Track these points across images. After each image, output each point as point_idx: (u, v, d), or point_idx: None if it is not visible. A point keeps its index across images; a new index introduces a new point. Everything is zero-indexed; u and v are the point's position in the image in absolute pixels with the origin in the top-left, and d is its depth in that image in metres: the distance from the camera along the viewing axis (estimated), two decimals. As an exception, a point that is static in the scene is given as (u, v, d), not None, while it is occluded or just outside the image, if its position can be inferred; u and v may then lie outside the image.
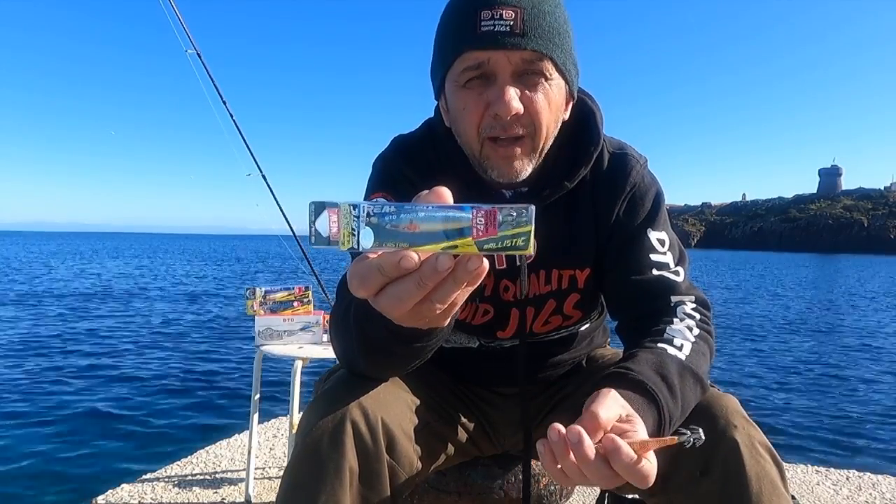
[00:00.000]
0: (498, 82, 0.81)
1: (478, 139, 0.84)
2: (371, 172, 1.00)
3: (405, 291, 0.45)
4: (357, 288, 0.47)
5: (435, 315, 0.49)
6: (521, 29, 0.78)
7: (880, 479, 2.53)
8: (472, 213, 0.41)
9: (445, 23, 0.85)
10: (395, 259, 0.43)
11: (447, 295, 0.46)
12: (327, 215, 0.42)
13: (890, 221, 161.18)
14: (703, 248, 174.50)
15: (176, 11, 2.62)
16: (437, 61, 0.88)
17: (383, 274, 0.45)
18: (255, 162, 2.75)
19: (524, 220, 0.41)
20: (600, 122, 0.95)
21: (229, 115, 2.72)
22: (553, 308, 0.99)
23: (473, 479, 1.04)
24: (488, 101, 0.81)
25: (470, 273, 0.44)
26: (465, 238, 0.41)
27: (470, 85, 0.83)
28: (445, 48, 0.84)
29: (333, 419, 0.77)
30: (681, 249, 0.96)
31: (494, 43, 0.78)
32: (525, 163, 0.85)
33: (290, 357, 2.06)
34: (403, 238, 0.42)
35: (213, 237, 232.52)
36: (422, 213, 0.41)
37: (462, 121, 0.85)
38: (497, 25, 0.78)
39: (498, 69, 0.80)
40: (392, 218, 0.42)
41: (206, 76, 2.71)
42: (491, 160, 0.85)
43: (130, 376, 5.83)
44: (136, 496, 2.22)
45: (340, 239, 0.42)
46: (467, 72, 0.82)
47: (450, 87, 0.86)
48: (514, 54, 0.79)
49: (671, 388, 0.76)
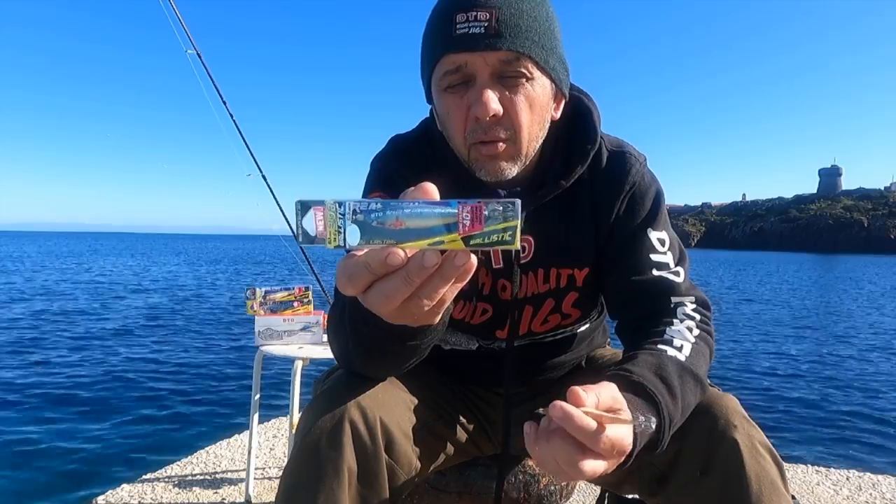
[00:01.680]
0: (477, 84, 0.81)
1: (465, 144, 0.84)
2: (368, 172, 1.00)
3: (393, 288, 0.45)
4: (345, 285, 0.47)
5: (424, 312, 0.49)
6: (495, 30, 0.78)
7: (880, 479, 2.53)
8: (458, 209, 0.41)
9: (427, 28, 0.86)
10: (382, 256, 0.43)
11: (435, 291, 0.46)
12: (313, 213, 0.42)
13: (890, 221, 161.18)
14: (703, 248, 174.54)
15: (176, 11, 2.62)
16: (422, 67, 0.88)
17: (370, 271, 0.45)
18: (255, 162, 2.75)
19: (510, 214, 0.41)
20: (597, 121, 0.95)
21: (229, 115, 2.72)
22: (552, 307, 0.99)
23: (473, 479, 1.04)
24: (469, 103, 0.81)
25: (457, 269, 0.44)
26: (451, 234, 0.41)
27: (452, 89, 0.83)
28: (427, 53, 0.85)
29: (332, 419, 0.77)
30: (681, 249, 0.96)
31: (469, 45, 0.79)
32: (509, 164, 0.85)
33: (290, 357, 2.06)
34: (390, 235, 0.42)
35: (213, 237, 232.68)
36: (408, 210, 0.42)
37: (448, 125, 0.86)
38: (472, 28, 0.78)
39: (476, 71, 0.80)
40: (378, 215, 0.42)
41: (206, 76, 2.71)
42: (479, 161, 0.85)
43: (130, 376, 5.84)
44: (136, 496, 2.22)
45: (327, 237, 0.42)
46: (448, 76, 0.82)
47: (434, 92, 0.86)
48: (491, 55, 0.79)
49: (671, 389, 0.76)
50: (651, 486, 0.85)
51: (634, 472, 0.85)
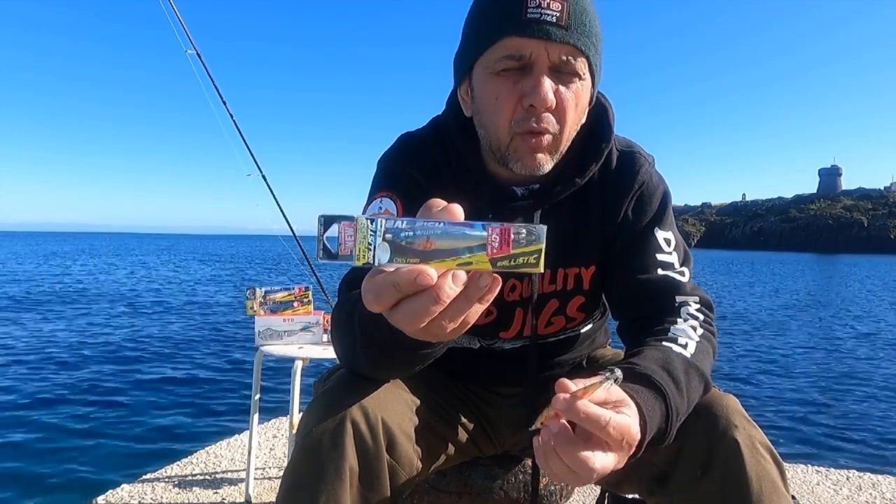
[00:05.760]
0: (535, 73, 0.78)
1: (508, 132, 0.82)
2: (375, 171, 0.99)
3: (420, 307, 0.45)
4: (371, 303, 0.47)
5: (446, 333, 0.49)
6: (566, 22, 0.76)
7: (880, 479, 2.53)
8: (488, 231, 0.42)
9: (484, 5, 0.82)
10: (413, 276, 0.43)
11: (459, 313, 0.46)
12: (340, 229, 0.42)
13: (890, 221, 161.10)
14: (703, 248, 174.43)
15: (176, 11, 2.62)
16: (469, 45, 0.84)
17: (399, 290, 0.45)
18: (255, 162, 2.76)
19: (535, 238, 0.42)
20: (612, 120, 0.94)
21: (229, 115, 2.72)
22: (555, 308, 0.99)
23: (474, 479, 1.04)
24: (523, 91, 0.79)
25: (480, 290, 0.44)
26: (477, 255, 0.42)
27: (504, 74, 0.80)
28: (482, 32, 0.81)
29: (333, 419, 0.77)
30: (685, 250, 0.96)
31: (540, 32, 0.76)
32: (547, 158, 0.84)
33: (290, 357, 2.06)
34: (418, 254, 0.42)
35: (213, 237, 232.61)
36: (438, 231, 0.42)
37: (493, 110, 0.82)
38: (544, 14, 0.76)
39: (537, 60, 0.78)
40: (408, 235, 0.42)
41: (206, 76, 2.71)
42: (518, 152, 0.83)
43: (130, 376, 5.83)
44: (136, 496, 2.22)
45: (356, 254, 0.42)
46: (505, 59, 0.79)
47: (480, 74, 0.83)
48: (556, 47, 0.77)
49: (677, 382, 0.76)
50: (651, 486, 0.85)
51: (634, 472, 0.85)
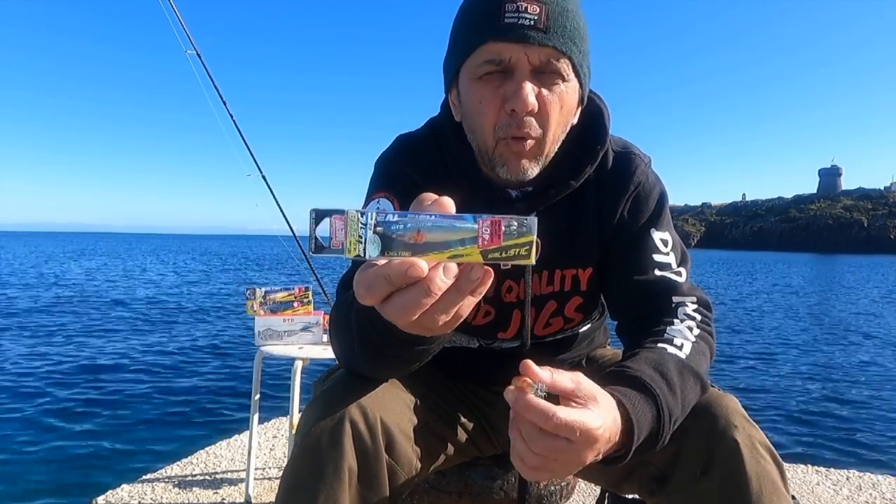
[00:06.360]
0: (516, 77, 0.79)
1: (493, 136, 0.82)
2: (373, 172, 0.99)
3: (412, 300, 0.45)
4: (363, 296, 0.47)
5: (439, 326, 0.49)
6: (544, 25, 0.77)
7: (880, 479, 2.53)
8: (479, 224, 0.42)
9: (466, 11, 0.83)
10: (403, 268, 0.43)
11: (451, 305, 0.46)
12: (331, 223, 0.42)
13: (890, 221, 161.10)
14: (703, 248, 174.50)
15: (176, 11, 2.62)
16: (453, 51, 0.85)
17: (390, 283, 0.45)
18: (255, 162, 2.76)
19: (525, 230, 0.42)
20: (607, 121, 0.94)
21: (229, 115, 2.72)
22: (553, 310, 0.99)
23: (473, 479, 1.04)
24: (505, 95, 0.79)
25: (472, 282, 0.45)
26: (468, 247, 0.42)
27: (487, 78, 0.81)
28: (464, 37, 0.82)
29: (332, 419, 0.77)
30: (683, 250, 0.96)
31: (517, 36, 0.77)
32: (532, 163, 0.84)
33: (290, 357, 2.06)
34: (409, 247, 0.42)
35: (213, 237, 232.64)
36: (428, 223, 0.42)
37: (477, 115, 0.83)
38: (521, 18, 0.76)
39: (517, 64, 0.78)
40: (398, 227, 0.42)
41: (206, 76, 2.71)
42: (503, 157, 0.83)
43: (130, 376, 5.83)
44: (136, 496, 2.22)
45: (347, 247, 0.42)
46: (486, 65, 0.80)
47: (465, 79, 0.84)
48: (536, 50, 0.78)
49: (670, 384, 0.76)
50: (651, 486, 0.85)
51: (634, 472, 0.86)
